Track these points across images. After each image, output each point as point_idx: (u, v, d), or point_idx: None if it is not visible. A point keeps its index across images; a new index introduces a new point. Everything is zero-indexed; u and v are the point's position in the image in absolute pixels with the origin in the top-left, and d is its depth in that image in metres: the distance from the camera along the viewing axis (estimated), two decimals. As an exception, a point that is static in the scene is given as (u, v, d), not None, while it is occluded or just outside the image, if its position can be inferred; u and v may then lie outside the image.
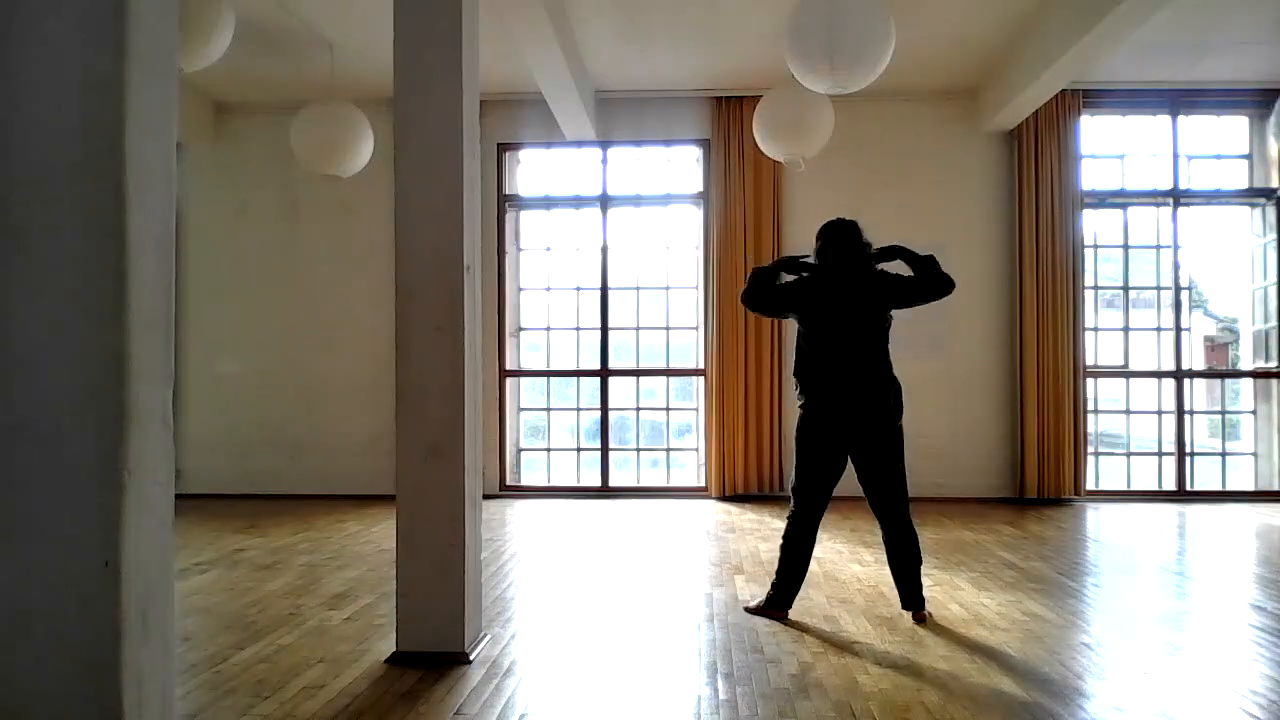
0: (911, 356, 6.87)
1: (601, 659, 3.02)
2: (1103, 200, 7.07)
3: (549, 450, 7.47)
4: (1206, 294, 14.76)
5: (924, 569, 4.31)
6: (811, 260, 3.59)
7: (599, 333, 7.28)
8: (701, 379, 7.13)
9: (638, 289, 7.31)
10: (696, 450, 7.26)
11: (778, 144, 5.18)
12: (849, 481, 3.16)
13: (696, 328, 7.24)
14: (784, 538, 3.55)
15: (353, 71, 6.17)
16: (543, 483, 7.37)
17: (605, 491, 7.15)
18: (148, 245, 1.58)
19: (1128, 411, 7.18)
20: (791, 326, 6.78)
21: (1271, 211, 7.00)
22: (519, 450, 7.51)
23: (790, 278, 3.62)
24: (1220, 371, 9.24)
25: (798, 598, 3.53)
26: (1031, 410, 6.69)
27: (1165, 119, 7.01)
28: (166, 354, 1.65)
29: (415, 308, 3.01)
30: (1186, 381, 7.03)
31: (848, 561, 4.56)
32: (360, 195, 6.78)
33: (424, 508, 3.00)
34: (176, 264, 1.71)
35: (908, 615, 3.49)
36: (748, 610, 3.55)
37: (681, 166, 7.32)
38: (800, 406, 3.52)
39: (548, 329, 7.45)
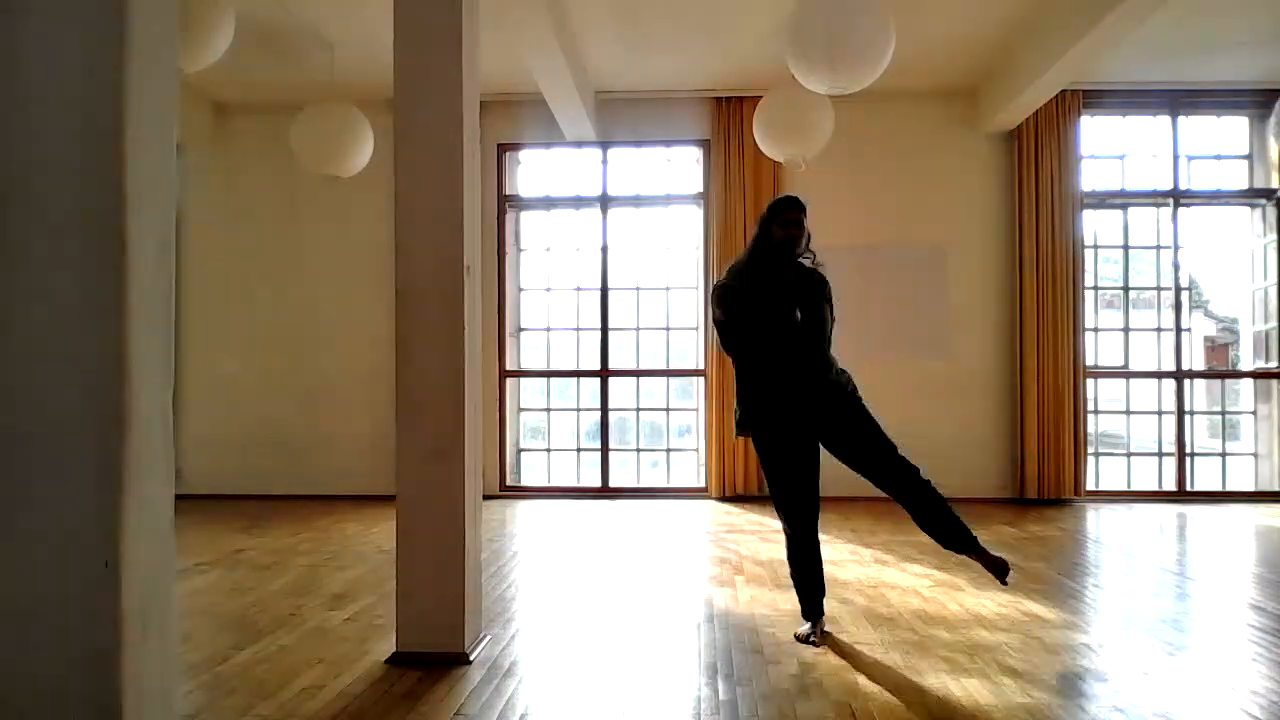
0: (912, 357, 6.92)
1: (602, 659, 3.02)
2: (1103, 200, 7.07)
3: (549, 450, 7.47)
4: (1206, 294, 14.77)
5: (924, 569, 4.34)
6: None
7: (599, 333, 7.27)
8: (701, 379, 7.13)
9: (638, 289, 7.31)
10: (696, 450, 7.26)
11: (778, 144, 5.18)
12: (853, 482, 3.01)
13: (696, 328, 7.24)
14: (788, 554, 3.29)
15: (353, 71, 6.17)
16: (543, 483, 7.37)
17: (605, 492, 7.15)
18: (148, 246, 1.58)
19: (1128, 412, 7.18)
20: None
21: (1271, 211, 7.00)
22: (519, 451, 7.51)
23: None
24: (1220, 372, 9.24)
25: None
26: (1031, 410, 6.69)
27: (1165, 119, 7.01)
28: (166, 354, 1.65)
29: (415, 308, 3.01)
30: (1186, 382, 7.03)
31: (848, 561, 4.56)
32: (360, 195, 6.78)
33: (424, 508, 3.00)
34: (176, 264, 1.71)
35: (908, 615, 3.49)
36: (800, 639, 3.16)
37: (681, 167, 7.32)
38: (741, 414, 3.21)
39: (548, 329, 7.45)
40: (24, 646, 1.51)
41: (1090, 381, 6.91)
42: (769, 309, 3.13)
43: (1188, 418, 7.01)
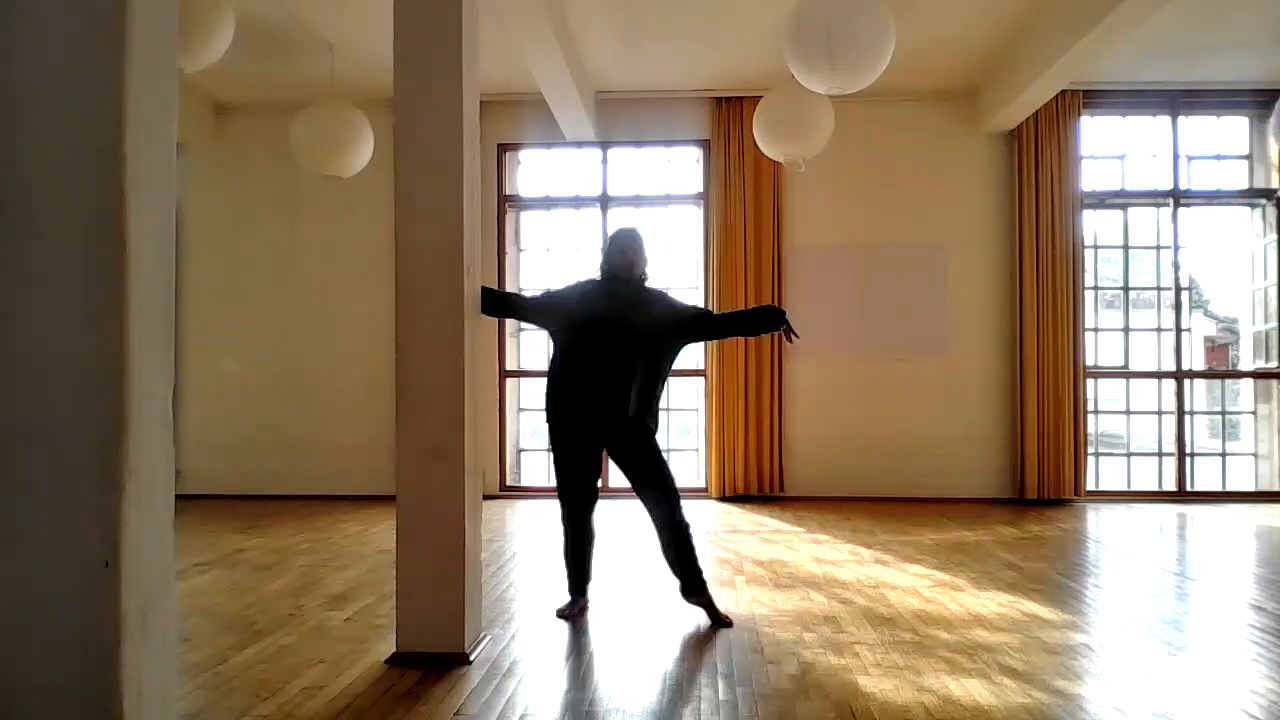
0: (912, 357, 6.92)
1: (601, 659, 3.02)
2: (1103, 200, 7.07)
3: (549, 451, 7.45)
4: (1206, 294, 14.79)
5: (924, 569, 4.34)
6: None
7: (599, 333, 7.26)
8: (702, 379, 7.13)
9: (638, 289, 7.30)
10: (696, 450, 7.26)
11: (778, 144, 5.17)
12: (853, 482, 3.07)
13: (696, 328, 7.23)
14: (563, 536, 3.62)
15: (353, 71, 6.17)
16: (543, 483, 7.36)
17: (605, 492, 7.13)
18: (148, 245, 1.58)
19: (1128, 412, 7.18)
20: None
21: (1271, 211, 7.00)
22: (519, 451, 7.51)
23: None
24: (1220, 372, 9.25)
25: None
26: (1031, 410, 6.69)
27: (1165, 119, 7.01)
28: (166, 354, 1.65)
29: (415, 308, 3.01)
30: (1187, 382, 7.03)
31: (848, 561, 4.56)
32: (360, 195, 6.78)
33: (424, 508, 3.00)
34: (176, 264, 1.71)
35: (908, 615, 3.49)
36: (560, 615, 3.50)
37: (681, 167, 7.32)
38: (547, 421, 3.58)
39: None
40: (24, 646, 1.51)
41: (1090, 381, 6.90)
42: (592, 329, 3.44)
43: (1188, 418, 7.01)
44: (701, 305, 3.54)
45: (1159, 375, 7.05)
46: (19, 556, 1.51)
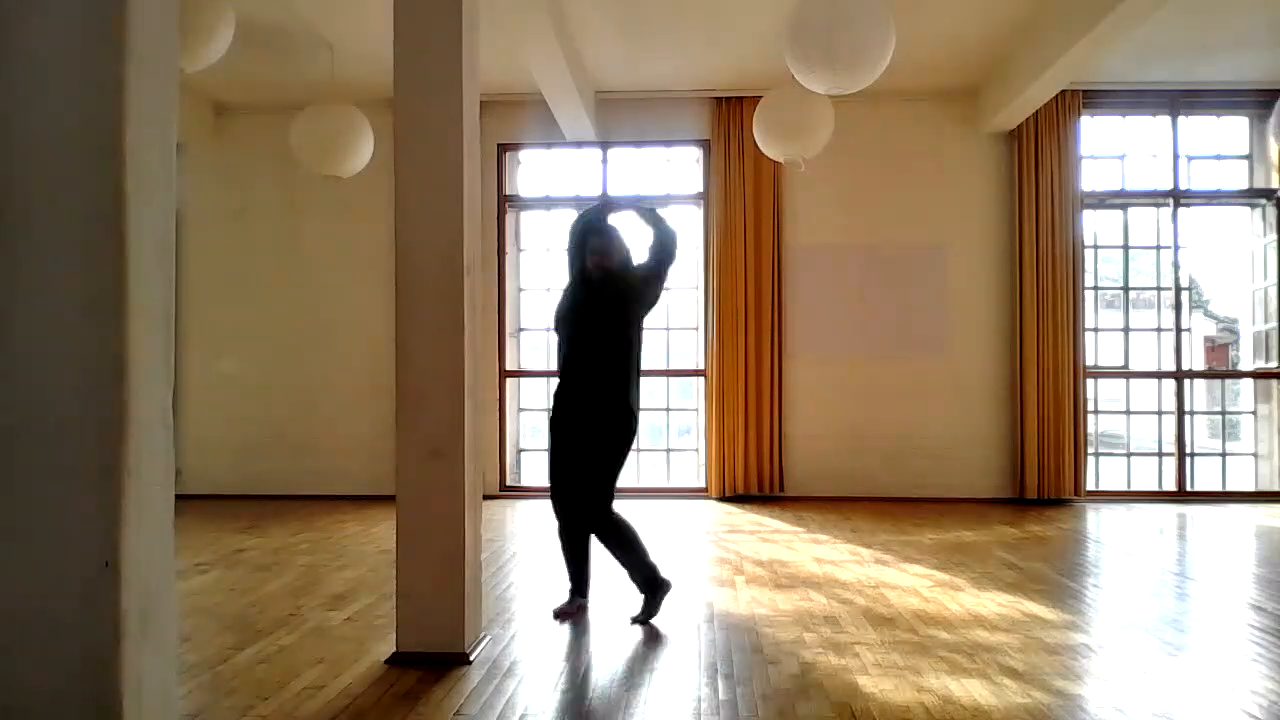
0: (912, 357, 6.92)
1: (601, 659, 3.02)
2: (1103, 200, 7.07)
3: (549, 450, 7.45)
4: (1206, 294, 14.79)
5: (924, 569, 4.34)
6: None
7: (599, 333, 7.25)
8: (701, 379, 7.13)
9: (638, 289, 7.29)
10: (696, 450, 7.26)
11: (778, 144, 5.17)
12: (853, 482, 3.05)
13: (696, 328, 7.24)
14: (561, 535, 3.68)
15: (353, 71, 6.17)
16: (543, 483, 7.34)
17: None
18: (148, 245, 1.58)
19: (1128, 412, 7.18)
20: (790, 330, 6.88)
21: (1271, 211, 7.00)
22: (519, 451, 7.51)
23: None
24: (1220, 372, 9.25)
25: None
26: (1031, 410, 6.68)
27: (1165, 119, 7.01)
28: (166, 354, 1.65)
29: (415, 308, 3.01)
30: (1186, 382, 7.03)
31: (848, 561, 4.56)
32: (360, 195, 6.77)
33: (424, 508, 3.00)
34: (176, 264, 1.71)
35: (908, 615, 3.50)
36: (556, 614, 3.52)
37: (681, 166, 7.32)
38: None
39: (548, 329, 7.43)
40: (24, 646, 1.51)
41: (1090, 381, 6.90)
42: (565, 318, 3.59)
43: (1188, 418, 7.01)
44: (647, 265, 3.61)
45: (1159, 375, 7.05)
46: (19, 556, 1.52)
